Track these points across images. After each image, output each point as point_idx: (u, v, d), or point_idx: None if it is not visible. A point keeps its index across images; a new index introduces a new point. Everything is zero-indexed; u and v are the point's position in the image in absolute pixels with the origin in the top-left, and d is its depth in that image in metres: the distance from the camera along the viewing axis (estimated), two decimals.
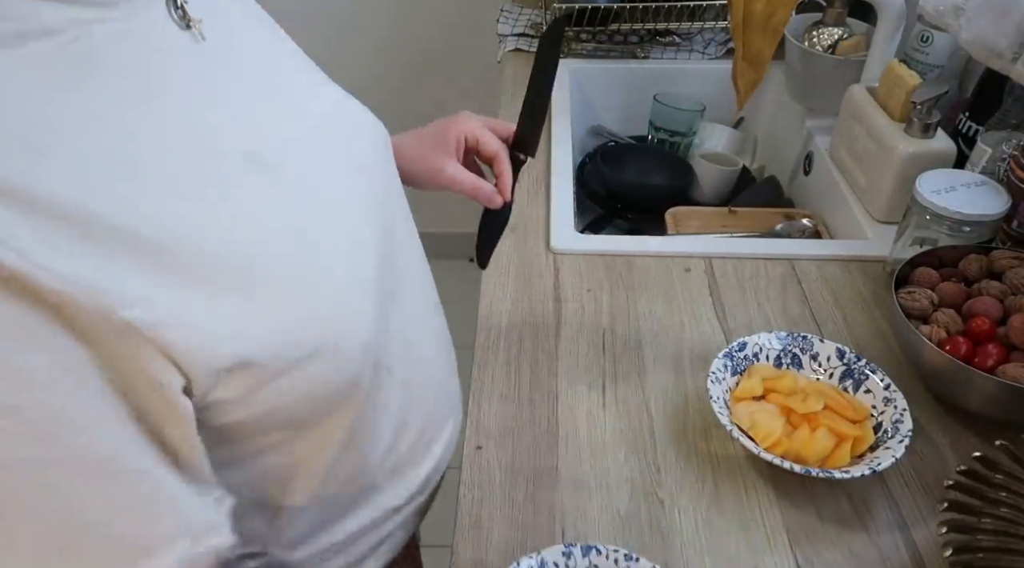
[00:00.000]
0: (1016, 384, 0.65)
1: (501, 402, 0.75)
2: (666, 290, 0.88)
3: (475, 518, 0.65)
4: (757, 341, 0.74)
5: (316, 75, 0.61)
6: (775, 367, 0.74)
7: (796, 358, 0.74)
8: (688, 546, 0.63)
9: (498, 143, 0.72)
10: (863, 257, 0.92)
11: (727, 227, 1.09)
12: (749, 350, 0.74)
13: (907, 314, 0.73)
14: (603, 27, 1.34)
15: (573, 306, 0.86)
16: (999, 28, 0.80)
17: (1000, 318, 0.72)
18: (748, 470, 0.68)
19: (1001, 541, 0.57)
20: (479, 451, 0.70)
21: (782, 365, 0.74)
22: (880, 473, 0.63)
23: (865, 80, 1.04)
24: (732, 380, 0.73)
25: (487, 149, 0.72)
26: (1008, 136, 0.87)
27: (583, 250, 0.93)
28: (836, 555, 0.62)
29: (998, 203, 0.79)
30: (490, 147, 0.72)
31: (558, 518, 0.65)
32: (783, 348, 0.75)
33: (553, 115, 1.18)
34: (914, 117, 0.91)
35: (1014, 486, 0.61)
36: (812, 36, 1.14)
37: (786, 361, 0.74)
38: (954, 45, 1.03)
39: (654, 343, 0.81)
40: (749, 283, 0.88)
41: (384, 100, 2.01)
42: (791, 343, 0.75)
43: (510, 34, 1.40)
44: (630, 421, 0.73)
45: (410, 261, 0.64)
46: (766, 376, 0.72)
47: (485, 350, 0.80)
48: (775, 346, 0.75)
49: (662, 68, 1.33)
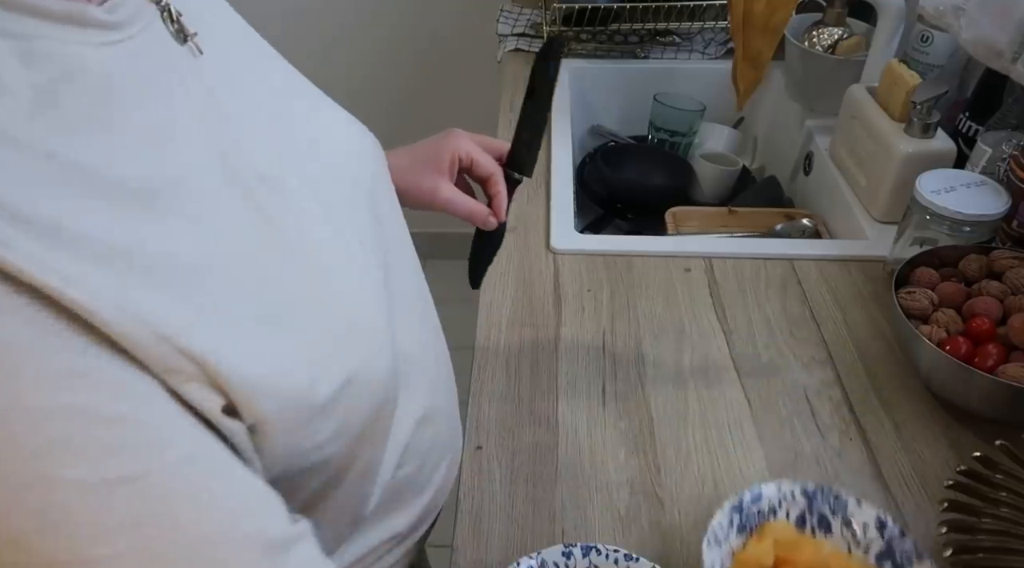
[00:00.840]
0: (1016, 384, 0.65)
1: (501, 402, 0.75)
2: (666, 290, 0.88)
3: (475, 518, 0.65)
4: (776, 493, 0.59)
5: (308, 91, 0.59)
6: (797, 527, 0.59)
7: (824, 520, 0.59)
8: (688, 546, 0.63)
9: (492, 163, 0.70)
10: (863, 257, 0.92)
11: (727, 227, 1.09)
12: (765, 503, 0.59)
13: (907, 314, 0.73)
14: (603, 27, 1.34)
15: (573, 306, 0.86)
16: (999, 28, 0.80)
17: (1000, 318, 0.72)
18: (748, 469, 0.68)
19: (1001, 541, 0.57)
20: (479, 451, 0.70)
21: (806, 526, 0.59)
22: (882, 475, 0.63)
23: (865, 80, 1.04)
24: (738, 540, 0.58)
25: (482, 170, 0.70)
26: (1008, 136, 0.87)
27: (583, 250, 0.93)
28: None
29: (998, 203, 0.79)
30: (485, 168, 0.70)
31: (558, 518, 0.65)
32: (809, 505, 0.59)
33: (553, 115, 1.18)
34: (914, 117, 0.91)
35: (1014, 486, 0.61)
36: (812, 36, 1.14)
37: (811, 522, 0.59)
38: (954, 45, 1.02)
39: (654, 343, 0.81)
40: (749, 283, 0.88)
41: (385, 99, 2.03)
42: (820, 500, 0.59)
43: (510, 34, 1.40)
44: (630, 421, 0.73)
45: (408, 287, 0.62)
46: (781, 539, 0.58)
47: (485, 350, 0.80)
48: (799, 501, 0.59)
49: (662, 68, 1.33)
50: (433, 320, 0.66)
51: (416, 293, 0.64)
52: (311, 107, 0.57)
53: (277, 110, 0.51)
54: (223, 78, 0.47)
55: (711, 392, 0.75)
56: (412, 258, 0.64)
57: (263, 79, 0.52)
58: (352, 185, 0.55)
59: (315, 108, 0.57)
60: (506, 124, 1.18)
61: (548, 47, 0.67)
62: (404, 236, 0.63)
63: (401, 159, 0.70)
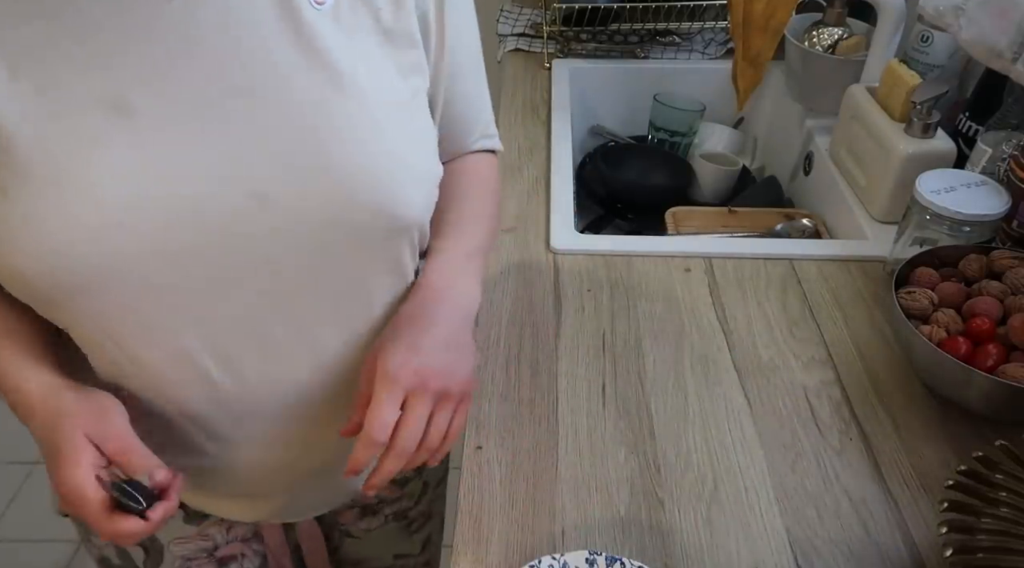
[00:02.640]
0: (1016, 384, 0.65)
1: (501, 402, 0.75)
2: (666, 290, 0.88)
3: (475, 518, 0.65)
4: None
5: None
6: None
7: None
8: (688, 546, 0.63)
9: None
10: (863, 257, 0.92)
11: (727, 227, 1.09)
12: None
13: (907, 314, 0.73)
14: (603, 27, 1.34)
15: (573, 306, 0.86)
16: (999, 28, 0.80)
17: (1000, 318, 0.72)
18: (748, 469, 0.68)
19: (1001, 541, 0.57)
20: (479, 451, 0.70)
21: None
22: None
23: (865, 80, 1.04)
24: None
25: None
26: (1008, 136, 0.87)
27: (583, 250, 0.93)
28: (836, 555, 0.62)
29: (998, 203, 0.79)
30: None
31: (558, 518, 0.65)
32: None
33: (553, 115, 1.18)
34: (914, 117, 0.91)
35: (1014, 486, 0.61)
36: (812, 36, 1.14)
37: None
38: (954, 45, 1.03)
39: (654, 343, 0.81)
40: (749, 283, 0.89)
41: None
42: None
43: (510, 34, 1.40)
44: (630, 421, 0.73)
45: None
46: None
47: (485, 350, 0.80)
48: None
49: (662, 68, 1.33)
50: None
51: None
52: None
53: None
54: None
55: (711, 392, 0.76)
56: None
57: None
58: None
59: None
60: (506, 124, 1.18)
61: None
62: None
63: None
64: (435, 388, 0.58)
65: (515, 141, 1.14)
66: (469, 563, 0.62)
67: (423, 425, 0.57)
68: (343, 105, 0.54)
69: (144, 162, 0.50)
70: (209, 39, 0.51)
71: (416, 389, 0.57)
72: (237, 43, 0.51)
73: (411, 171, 0.59)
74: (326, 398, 0.65)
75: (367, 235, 0.58)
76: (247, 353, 0.60)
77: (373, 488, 0.58)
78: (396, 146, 0.58)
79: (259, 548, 0.83)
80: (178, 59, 0.50)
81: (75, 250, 0.50)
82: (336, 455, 0.71)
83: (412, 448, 0.57)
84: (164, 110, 0.50)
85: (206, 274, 0.54)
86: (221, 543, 0.79)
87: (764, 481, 0.67)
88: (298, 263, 0.57)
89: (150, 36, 0.49)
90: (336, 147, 0.54)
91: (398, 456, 0.56)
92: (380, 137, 0.56)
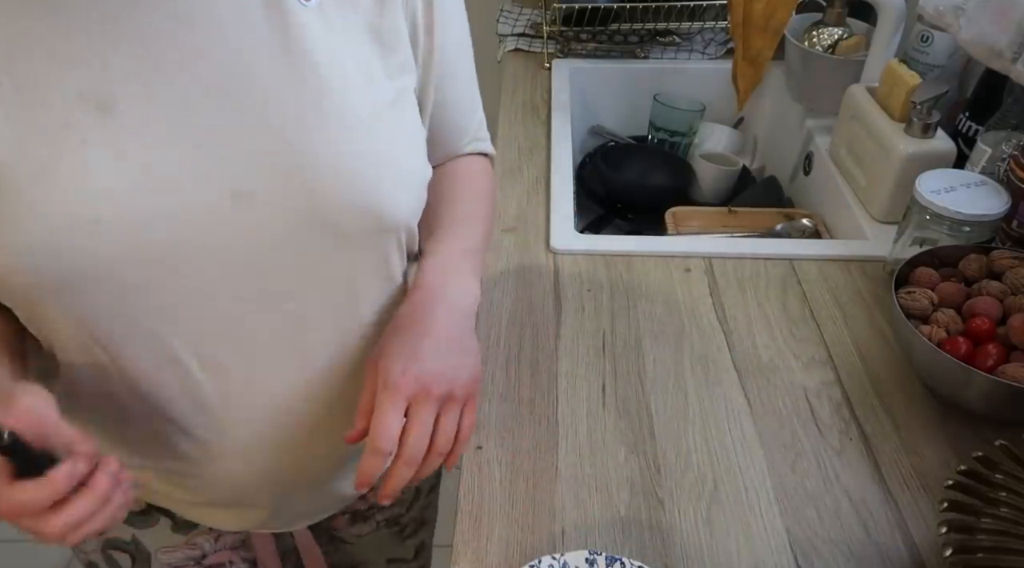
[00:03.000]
0: (1016, 384, 0.65)
1: (501, 402, 0.75)
2: (666, 290, 0.88)
3: (475, 518, 0.65)
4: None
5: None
6: None
7: None
8: (688, 546, 0.63)
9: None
10: (863, 257, 0.92)
11: (727, 227, 1.09)
12: None
13: (907, 314, 0.73)
14: (603, 27, 1.34)
15: (573, 306, 0.86)
16: (999, 28, 0.80)
17: (1000, 318, 0.72)
18: (748, 469, 0.68)
19: (1001, 541, 0.57)
20: (479, 451, 0.70)
21: None
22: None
23: (865, 80, 1.04)
24: None
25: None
26: (1008, 136, 0.87)
27: (583, 250, 0.93)
28: (836, 555, 0.62)
29: (998, 203, 0.79)
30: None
31: (558, 518, 0.65)
32: None
33: (553, 115, 1.18)
34: (914, 117, 0.91)
35: (1014, 486, 0.61)
36: (812, 36, 1.14)
37: None
38: (954, 45, 1.03)
39: (654, 343, 0.81)
40: (749, 283, 0.89)
41: None
42: None
43: (510, 34, 1.40)
44: (630, 421, 0.73)
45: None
46: None
47: (485, 350, 0.80)
48: None
49: (662, 68, 1.33)
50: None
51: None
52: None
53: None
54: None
55: (711, 392, 0.76)
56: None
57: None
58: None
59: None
60: (506, 124, 1.18)
61: None
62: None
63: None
64: (438, 393, 0.57)
65: (515, 141, 1.14)
66: (469, 563, 0.62)
67: (429, 430, 0.57)
68: (327, 103, 0.54)
69: (125, 160, 0.49)
70: (194, 37, 0.50)
71: (419, 395, 0.57)
72: (223, 41, 0.51)
73: (397, 171, 0.58)
74: (313, 405, 0.64)
75: (352, 236, 0.57)
76: (231, 355, 0.59)
77: (387, 497, 0.57)
78: (382, 145, 0.57)
79: (248, 556, 0.82)
80: (163, 57, 0.50)
81: (55, 248, 0.49)
82: (325, 465, 0.71)
83: (420, 454, 0.56)
84: (147, 108, 0.50)
85: (188, 273, 0.54)
86: (209, 551, 0.78)
87: (764, 481, 0.67)
88: (282, 264, 0.56)
89: (135, 34, 0.49)
90: (320, 146, 0.54)
91: (407, 463, 0.56)
92: (365, 136, 0.56)
